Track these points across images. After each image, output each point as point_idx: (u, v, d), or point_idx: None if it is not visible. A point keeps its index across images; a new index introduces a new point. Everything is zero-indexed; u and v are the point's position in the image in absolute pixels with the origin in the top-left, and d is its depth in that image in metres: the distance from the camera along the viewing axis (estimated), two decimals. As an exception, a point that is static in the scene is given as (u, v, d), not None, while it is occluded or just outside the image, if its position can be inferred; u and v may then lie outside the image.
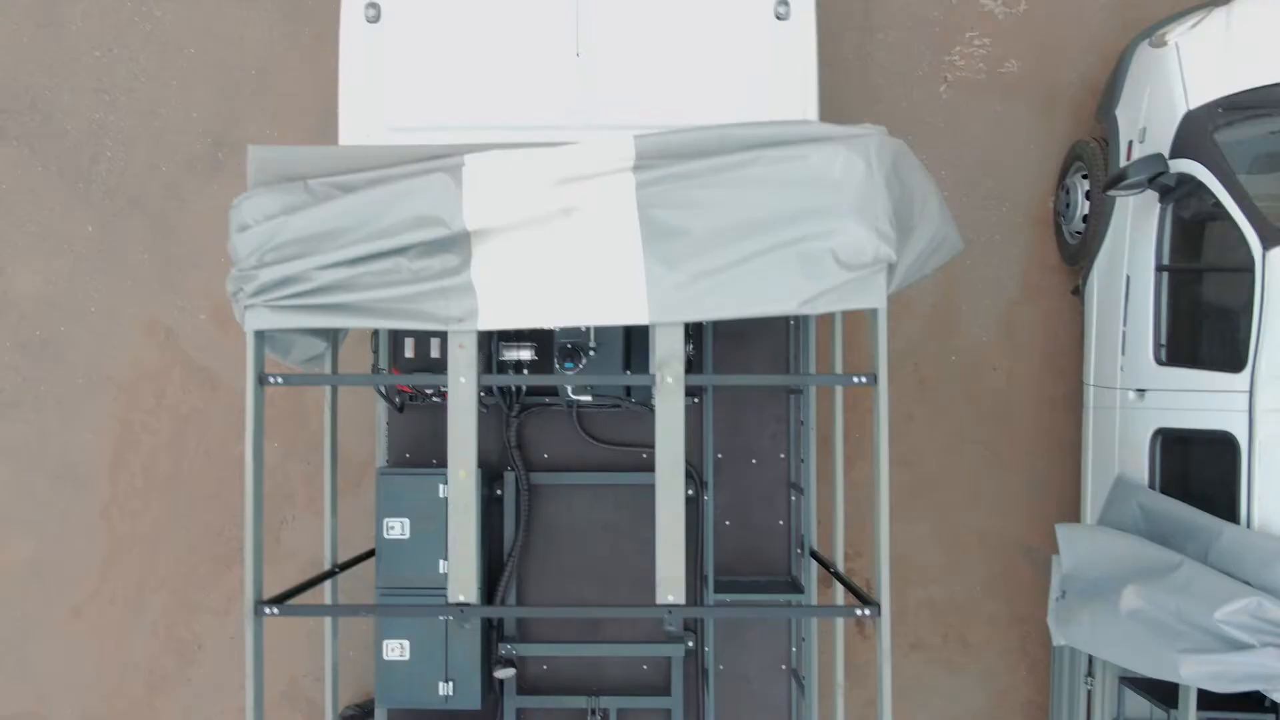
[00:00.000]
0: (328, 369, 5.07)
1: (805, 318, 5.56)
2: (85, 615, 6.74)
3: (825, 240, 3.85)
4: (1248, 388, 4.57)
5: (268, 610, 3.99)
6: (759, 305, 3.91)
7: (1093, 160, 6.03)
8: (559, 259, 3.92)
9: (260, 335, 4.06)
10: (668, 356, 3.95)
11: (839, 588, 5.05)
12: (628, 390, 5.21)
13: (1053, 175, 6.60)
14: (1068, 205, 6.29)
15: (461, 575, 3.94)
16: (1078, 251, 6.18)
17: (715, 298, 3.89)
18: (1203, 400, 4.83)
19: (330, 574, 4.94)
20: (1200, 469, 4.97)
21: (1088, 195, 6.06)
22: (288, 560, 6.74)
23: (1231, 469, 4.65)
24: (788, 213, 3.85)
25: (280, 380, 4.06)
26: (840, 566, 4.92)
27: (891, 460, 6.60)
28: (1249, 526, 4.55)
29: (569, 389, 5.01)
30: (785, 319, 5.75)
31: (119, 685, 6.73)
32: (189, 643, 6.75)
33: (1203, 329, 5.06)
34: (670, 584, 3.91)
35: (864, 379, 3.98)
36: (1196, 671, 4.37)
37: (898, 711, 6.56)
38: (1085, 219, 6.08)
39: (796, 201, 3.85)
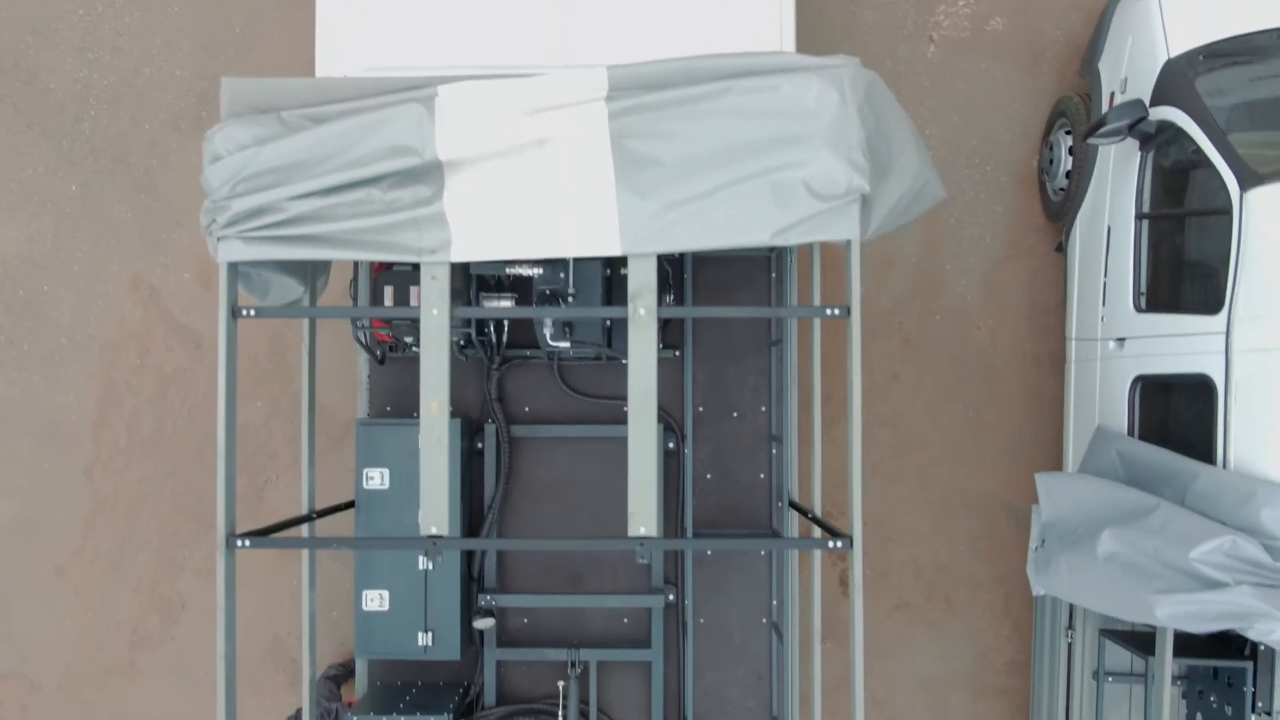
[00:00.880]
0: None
1: (785, 272, 5.56)
2: (68, 575, 6.73)
3: (798, 170, 3.85)
4: (1224, 329, 4.56)
5: (240, 543, 3.97)
6: (732, 236, 3.91)
7: (1076, 116, 6.03)
8: (532, 190, 3.92)
9: (234, 268, 4.06)
10: (640, 288, 3.94)
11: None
12: (608, 339, 5.20)
13: (1037, 134, 6.59)
14: (1051, 162, 6.28)
15: (434, 508, 3.92)
16: (1061, 208, 6.18)
17: (688, 228, 3.89)
18: (1180, 345, 4.82)
19: (307, 518, 4.93)
20: (1178, 415, 4.97)
21: (1071, 151, 6.05)
22: (270, 518, 6.69)
23: (1208, 412, 4.65)
24: (760, 143, 3.85)
25: (253, 313, 4.05)
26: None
27: (875, 420, 6.67)
28: (1225, 468, 4.55)
29: (548, 336, 5.00)
30: (767, 273, 5.75)
31: (102, 644, 6.72)
32: (172, 602, 6.74)
33: (1181, 274, 5.05)
34: (643, 516, 3.91)
35: (837, 310, 3.97)
36: (1172, 612, 4.36)
37: (882, 671, 6.59)
38: (1068, 175, 6.08)
39: (769, 131, 3.85)
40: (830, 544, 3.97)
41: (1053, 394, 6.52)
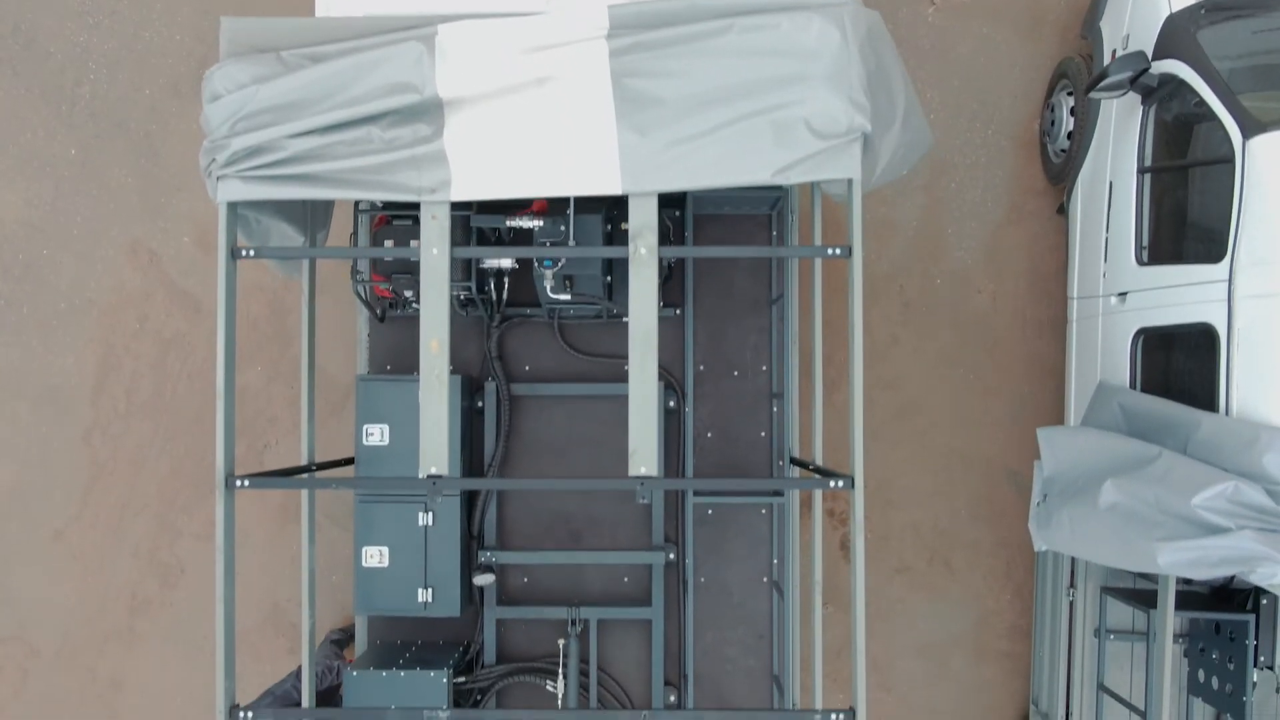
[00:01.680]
0: (305, 267, 5.06)
1: (786, 231, 5.53)
2: (67, 539, 6.72)
3: (798, 109, 3.83)
4: (1226, 277, 4.55)
5: (240, 482, 3.96)
6: (732, 175, 3.89)
7: (1078, 77, 6.02)
8: (532, 128, 3.90)
9: (233, 208, 4.04)
10: (641, 227, 3.93)
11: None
12: (609, 293, 5.19)
13: (1038, 98, 6.58)
14: (1053, 124, 6.27)
15: (434, 448, 3.91)
16: (1062, 169, 6.16)
17: (688, 166, 3.87)
18: (1183, 295, 4.81)
19: (307, 469, 4.91)
20: (1180, 366, 4.95)
21: (1073, 112, 6.04)
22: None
23: (1210, 361, 4.63)
24: (761, 81, 3.83)
25: (252, 253, 4.04)
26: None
27: (876, 383, 6.65)
28: (1227, 415, 4.53)
29: (548, 289, 4.98)
30: (767, 230, 5.74)
31: (101, 609, 6.71)
32: (171, 567, 6.73)
33: (1183, 226, 5.03)
34: (644, 456, 3.89)
35: (839, 250, 3.96)
36: (1174, 559, 4.34)
37: (882, 635, 6.57)
38: (1070, 136, 6.06)
39: (770, 70, 3.83)
40: (831, 483, 3.95)
41: (1053, 358, 6.51)
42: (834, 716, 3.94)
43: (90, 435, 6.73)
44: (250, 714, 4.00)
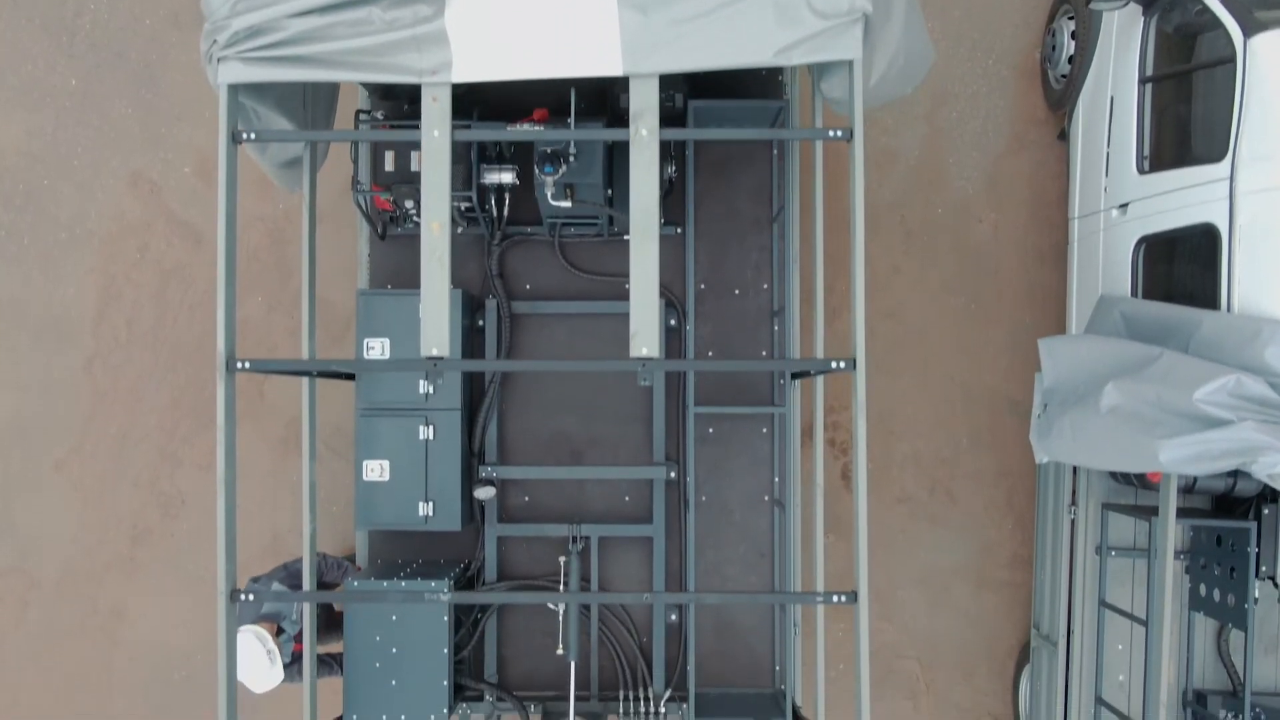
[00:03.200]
0: (305, 175, 5.05)
1: (786, 150, 5.52)
2: (67, 469, 6.72)
3: (800, -13, 3.82)
4: (1228, 175, 4.55)
5: (241, 364, 3.95)
6: (734, 55, 3.88)
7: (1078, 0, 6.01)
8: (533, 8, 3.89)
9: (233, 94, 4.03)
10: (642, 109, 3.91)
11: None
12: (609, 200, 5.19)
13: (1039, 26, 6.57)
14: (1054, 49, 6.27)
15: (435, 329, 3.90)
16: (1063, 95, 6.15)
17: (689, 46, 3.86)
18: (1184, 197, 4.80)
19: (307, 372, 4.91)
20: (1181, 271, 4.95)
21: (1074, 35, 6.03)
22: (271, 415, 6.73)
23: (1211, 261, 4.63)
24: (763, -42, 3.82)
25: (253, 136, 4.03)
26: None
27: (877, 313, 6.65)
28: (1229, 313, 4.53)
29: (549, 196, 4.98)
30: (768, 149, 5.73)
31: (102, 539, 6.71)
32: (172, 497, 6.73)
33: (1184, 131, 5.03)
34: (645, 338, 3.88)
35: (840, 133, 3.95)
36: (1176, 455, 4.33)
37: (883, 564, 6.57)
38: (1071, 60, 6.06)
39: (771, -53, 3.82)
40: (833, 364, 3.94)
41: (1055, 287, 6.51)
42: (836, 598, 3.93)
43: (91, 365, 6.73)
44: (250, 595, 4.00)
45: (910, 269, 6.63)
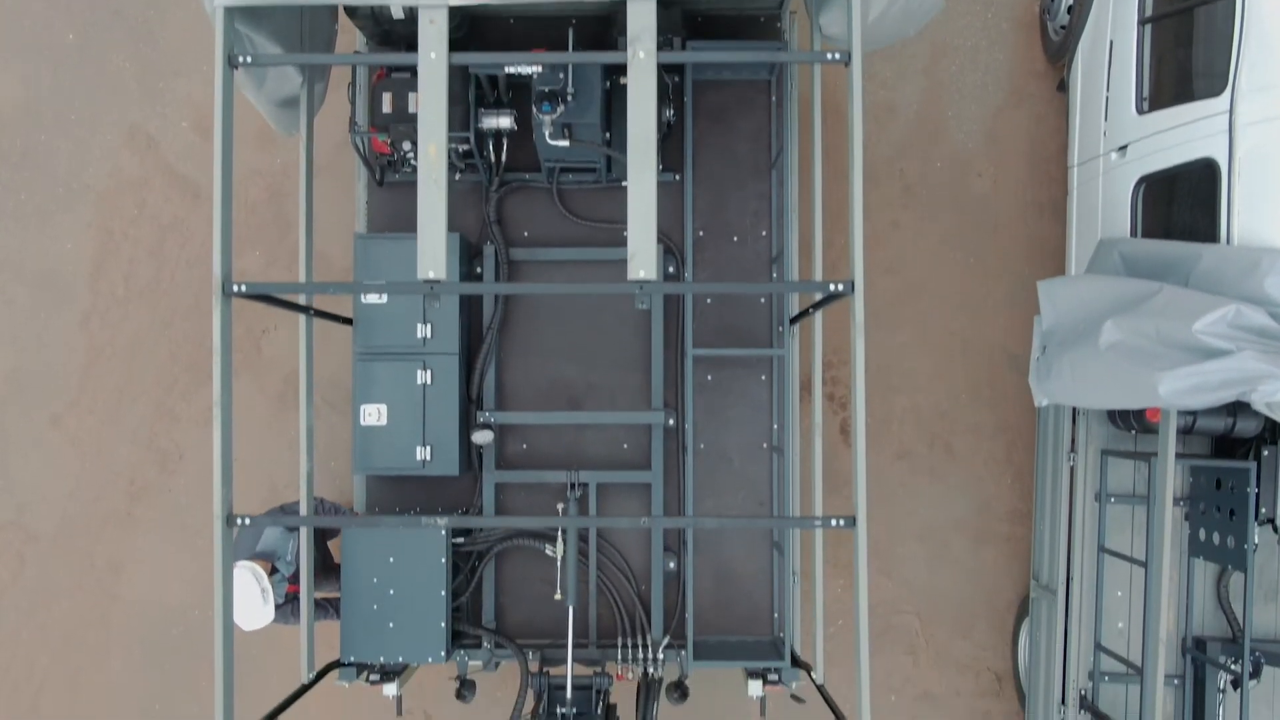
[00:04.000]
0: (303, 114, 5.04)
1: (785, 95, 5.51)
2: (65, 425, 6.70)
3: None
4: (1228, 108, 4.53)
5: (237, 287, 3.93)
6: (731, -23, 3.87)
7: (1078, -51, 6.00)
8: (531, -72, 3.88)
9: (229, 17, 4.00)
10: (640, 31, 3.89)
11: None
12: (607, 140, 5.18)
13: (1039, -20, 6.57)
14: (1053, 0, 6.25)
15: (432, 251, 3.87)
16: (1062, 46, 6.14)
17: (687, -32, 3.85)
18: (1184, 134, 4.78)
19: (305, 310, 4.90)
20: (1180, 209, 4.93)
21: (1073, -16, 6.02)
22: (269, 369, 6.71)
23: (1211, 196, 4.61)
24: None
25: (250, 60, 4.00)
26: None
27: (876, 267, 6.63)
28: (1228, 245, 4.51)
29: (547, 136, 4.97)
30: (767, 95, 5.71)
31: (99, 494, 6.69)
32: (170, 452, 6.71)
33: (1184, 69, 5.01)
34: (643, 260, 3.86)
35: (838, 55, 3.93)
36: (1175, 387, 4.31)
37: (882, 519, 6.55)
38: (1070, 9, 6.04)
39: None
40: (832, 286, 3.92)
41: (1054, 241, 6.49)
42: (834, 521, 3.92)
43: (88, 320, 6.71)
44: (248, 519, 3.98)
45: (909, 223, 6.62)
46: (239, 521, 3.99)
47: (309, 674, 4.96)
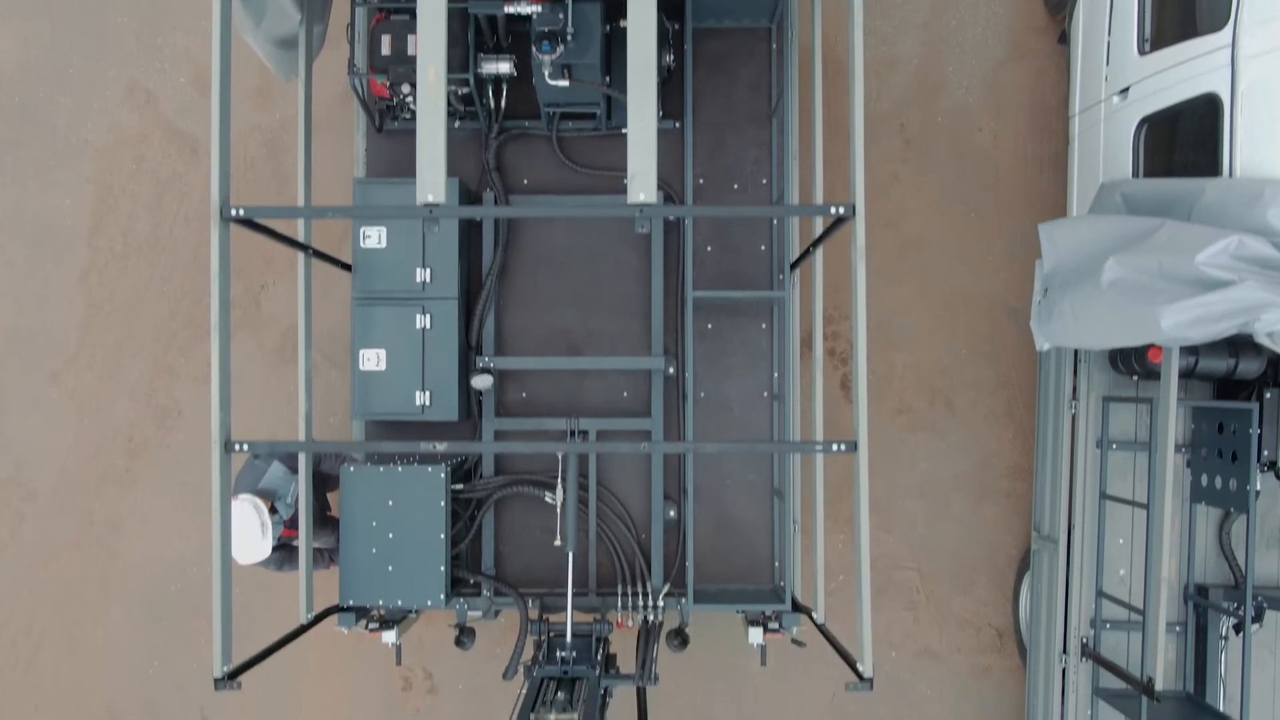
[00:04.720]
0: (302, 55, 5.03)
1: (786, 44, 5.48)
2: (63, 381, 6.68)
3: None
4: (1230, 42, 4.51)
5: (235, 211, 3.92)
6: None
7: (1079, -101, 5.98)
8: None
9: (228, -56, 4.00)
10: (640, -44, 3.88)
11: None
12: (607, 83, 5.16)
13: (1039, -66, 6.55)
14: (1054, -48, 6.24)
15: (431, 175, 3.86)
16: (1063, -2, 6.13)
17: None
18: (1185, 71, 4.77)
19: (304, 248, 4.88)
20: (1182, 147, 4.91)
21: (1074, -66, 6.00)
22: (268, 325, 6.69)
23: (1213, 131, 4.59)
24: None
25: (248, -14, 3.99)
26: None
27: (877, 221, 6.61)
28: (1231, 178, 4.49)
29: (546, 76, 4.95)
30: (767, 44, 5.70)
31: (97, 451, 6.67)
32: (169, 409, 6.69)
33: (1184, 5, 4.97)
34: (642, 182, 3.84)
35: (839, -19, 3.92)
36: (1178, 320, 4.28)
37: (883, 474, 6.53)
38: (1071, -41, 6.03)
39: None
40: (833, 209, 3.91)
41: (1055, 195, 6.47)
42: (835, 446, 3.90)
43: (87, 276, 6.69)
44: (245, 445, 3.97)
45: (910, 177, 6.60)
46: (237, 448, 3.97)
47: (307, 615, 4.94)
